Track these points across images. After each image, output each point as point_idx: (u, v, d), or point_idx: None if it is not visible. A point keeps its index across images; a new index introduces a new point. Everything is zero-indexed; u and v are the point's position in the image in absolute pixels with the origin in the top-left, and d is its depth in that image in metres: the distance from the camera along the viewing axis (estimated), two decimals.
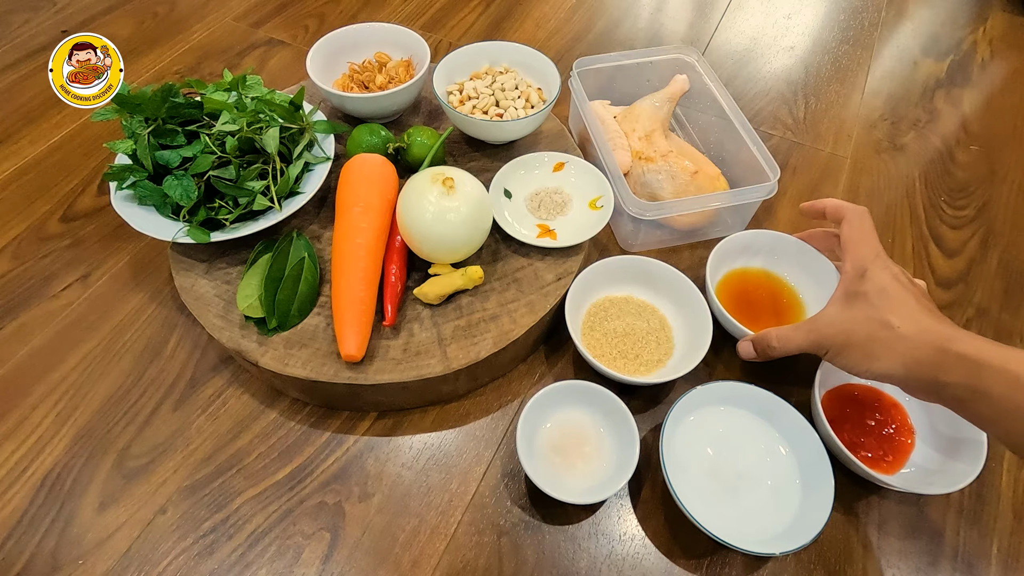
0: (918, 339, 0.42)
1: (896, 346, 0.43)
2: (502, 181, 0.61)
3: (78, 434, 0.53)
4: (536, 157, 0.63)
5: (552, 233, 0.59)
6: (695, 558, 0.47)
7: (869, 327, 0.44)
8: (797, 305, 0.59)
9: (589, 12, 0.98)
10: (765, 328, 0.56)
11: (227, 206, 0.55)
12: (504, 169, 0.61)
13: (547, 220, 0.60)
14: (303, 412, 0.54)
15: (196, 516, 0.49)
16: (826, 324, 0.47)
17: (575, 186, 0.62)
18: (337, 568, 0.47)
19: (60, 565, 0.46)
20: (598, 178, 0.61)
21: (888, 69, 0.89)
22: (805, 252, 0.59)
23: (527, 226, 0.60)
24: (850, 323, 0.46)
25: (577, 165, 0.63)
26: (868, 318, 0.45)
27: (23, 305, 0.61)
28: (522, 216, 0.61)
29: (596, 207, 0.60)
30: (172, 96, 0.55)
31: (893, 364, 0.43)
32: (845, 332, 0.45)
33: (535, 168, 0.63)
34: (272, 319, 0.51)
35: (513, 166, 0.62)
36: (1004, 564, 0.48)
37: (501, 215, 0.59)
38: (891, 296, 0.45)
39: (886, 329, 0.43)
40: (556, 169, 0.63)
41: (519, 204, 0.62)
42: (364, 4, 0.99)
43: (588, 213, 0.60)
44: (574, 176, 0.63)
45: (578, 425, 0.52)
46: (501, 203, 0.60)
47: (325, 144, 0.61)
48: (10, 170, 0.73)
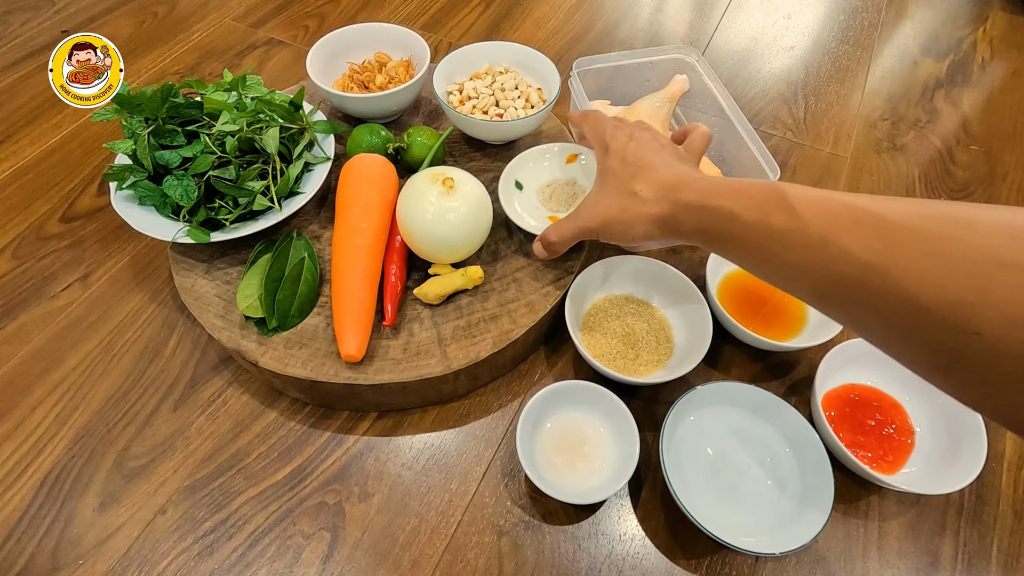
0: (656, 198, 0.43)
1: (642, 211, 0.44)
2: (513, 172, 0.60)
3: (78, 434, 0.53)
4: (547, 148, 0.62)
5: None
6: (695, 558, 0.47)
7: (619, 200, 0.45)
8: (798, 305, 0.59)
9: (589, 12, 0.98)
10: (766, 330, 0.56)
11: (227, 206, 0.55)
12: (515, 160, 0.60)
13: (558, 212, 0.59)
14: (303, 412, 0.54)
15: (196, 516, 0.49)
16: (587, 208, 0.49)
17: (587, 178, 0.61)
18: (337, 568, 0.47)
19: (60, 565, 0.46)
20: None
21: (888, 69, 0.89)
22: None
23: (537, 218, 0.58)
24: (605, 201, 0.47)
25: (590, 157, 0.61)
26: (618, 191, 0.46)
27: (23, 305, 0.61)
28: (533, 208, 0.60)
29: None
30: (172, 96, 0.55)
31: (646, 228, 0.44)
32: (603, 212, 0.47)
33: (547, 160, 0.62)
34: (272, 319, 0.51)
35: (524, 157, 0.61)
36: (1004, 564, 0.48)
37: (511, 206, 0.58)
38: (630, 162, 0.46)
39: (632, 198, 0.44)
40: (569, 161, 0.62)
41: (530, 196, 0.61)
42: (364, 4, 0.99)
43: None
44: (586, 168, 0.61)
45: (578, 425, 0.52)
46: (511, 194, 0.59)
47: (325, 144, 0.61)
48: (10, 170, 0.73)
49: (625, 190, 0.45)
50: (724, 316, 0.55)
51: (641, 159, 0.46)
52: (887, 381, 0.54)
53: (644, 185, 0.44)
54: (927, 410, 0.52)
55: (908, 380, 0.53)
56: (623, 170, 0.46)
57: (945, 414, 0.51)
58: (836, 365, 0.52)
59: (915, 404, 0.53)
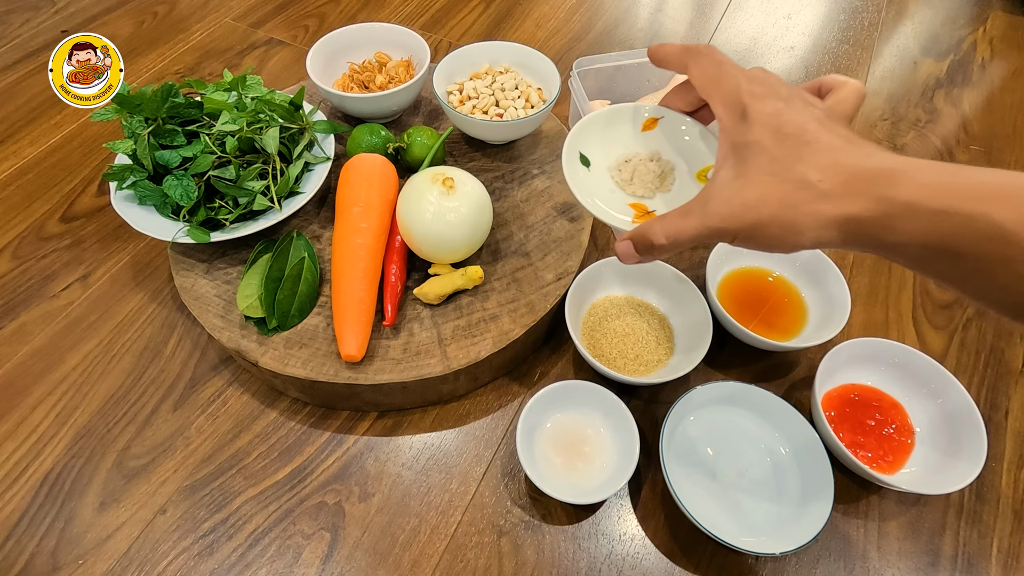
0: (845, 190, 0.30)
1: (821, 209, 0.31)
2: (576, 143, 0.44)
3: (78, 434, 0.53)
4: (617, 111, 0.45)
5: (652, 215, 0.42)
6: (695, 558, 0.47)
7: (778, 190, 0.32)
8: (798, 305, 0.59)
9: (589, 12, 0.97)
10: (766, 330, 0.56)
11: (227, 206, 0.55)
12: (577, 129, 0.44)
13: (644, 198, 0.44)
14: (303, 412, 0.54)
15: (196, 516, 0.49)
16: (723, 202, 0.33)
17: (674, 151, 0.45)
18: (337, 568, 0.47)
19: (60, 565, 0.46)
20: (706, 140, 0.43)
21: (888, 69, 0.89)
22: (806, 251, 0.59)
23: (615, 206, 0.43)
24: (752, 190, 0.32)
25: (675, 121, 0.44)
26: (775, 177, 0.32)
27: (23, 305, 0.61)
28: (607, 192, 0.43)
29: (707, 179, 0.42)
30: (172, 96, 0.55)
31: (822, 233, 0.31)
32: (750, 206, 0.32)
33: (618, 126, 0.45)
34: (272, 319, 0.51)
35: (587, 125, 0.44)
36: (1004, 564, 0.48)
37: (582, 189, 0.42)
38: (793, 136, 0.32)
39: (804, 189, 0.31)
40: (646, 128, 0.45)
41: (601, 175, 0.44)
42: (364, 4, 0.99)
43: (697, 189, 0.42)
44: (670, 137, 0.45)
45: (578, 425, 0.52)
46: (577, 173, 0.43)
47: (325, 144, 0.61)
48: (10, 170, 0.73)
49: (788, 176, 0.31)
50: (724, 316, 0.55)
51: (806, 131, 0.32)
52: (887, 381, 0.54)
53: (820, 170, 0.31)
54: (927, 410, 0.52)
55: (908, 380, 0.53)
56: (779, 146, 0.32)
57: (945, 414, 0.51)
58: (836, 365, 0.52)
59: (915, 404, 0.53)
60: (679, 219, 0.35)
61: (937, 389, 0.52)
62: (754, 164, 0.32)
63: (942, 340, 0.60)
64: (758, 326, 0.56)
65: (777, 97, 0.34)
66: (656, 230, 0.36)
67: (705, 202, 0.34)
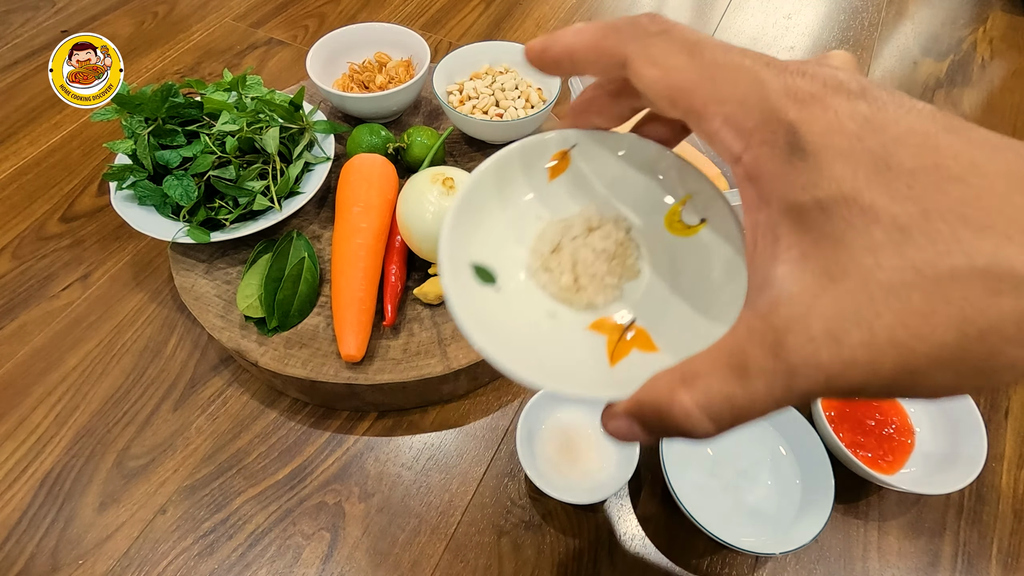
0: None
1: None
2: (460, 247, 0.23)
3: (78, 434, 0.53)
4: (508, 163, 0.25)
5: (642, 339, 0.23)
6: (695, 558, 0.47)
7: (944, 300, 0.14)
8: None
9: (589, 12, 0.97)
10: None
11: (227, 206, 0.55)
12: (455, 217, 0.23)
13: (606, 306, 0.24)
14: (303, 412, 0.54)
15: (196, 516, 0.49)
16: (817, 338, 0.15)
17: (616, 195, 0.26)
18: (337, 568, 0.47)
19: (60, 565, 0.46)
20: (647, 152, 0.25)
21: (888, 69, 0.89)
22: None
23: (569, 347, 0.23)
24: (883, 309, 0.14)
25: (592, 145, 0.25)
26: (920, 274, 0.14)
27: (23, 305, 0.61)
28: (547, 323, 0.24)
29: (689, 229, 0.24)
30: (172, 96, 0.55)
31: None
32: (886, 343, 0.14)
33: (517, 188, 0.25)
34: (272, 319, 0.51)
35: (470, 203, 0.24)
36: (1004, 564, 0.48)
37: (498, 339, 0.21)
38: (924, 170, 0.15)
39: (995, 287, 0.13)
40: (557, 172, 0.25)
41: (521, 291, 0.24)
42: (364, 4, 0.99)
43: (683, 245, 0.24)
44: (598, 171, 0.25)
45: (578, 425, 0.52)
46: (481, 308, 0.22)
47: (325, 144, 0.61)
48: (10, 170, 0.73)
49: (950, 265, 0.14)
50: None
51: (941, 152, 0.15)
52: None
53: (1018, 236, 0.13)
54: (927, 410, 0.52)
55: None
56: (903, 198, 0.15)
57: (945, 414, 0.51)
58: None
59: (915, 404, 0.53)
60: (727, 380, 0.17)
61: None
62: (858, 246, 0.15)
63: None
64: None
65: (843, 90, 0.16)
66: (685, 404, 0.17)
67: (772, 336, 0.16)
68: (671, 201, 0.25)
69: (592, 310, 0.24)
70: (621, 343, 0.23)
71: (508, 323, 0.23)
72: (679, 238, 0.24)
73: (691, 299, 0.24)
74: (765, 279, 0.17)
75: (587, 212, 0.25)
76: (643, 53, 0.19)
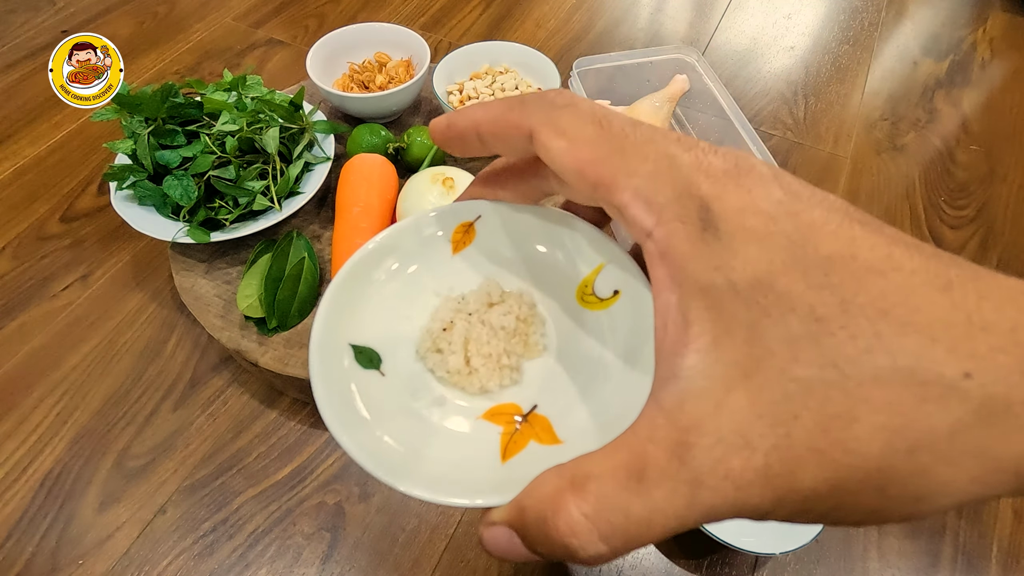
0: None
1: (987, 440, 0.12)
2: (336, 330, 0.23)
3: (78, 434, 0.53)
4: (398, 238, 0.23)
5: (542, 428, 0.20)
6: (695, 558, 0.47)
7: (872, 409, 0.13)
8: None
9: (589, 12, 0.97)
10: None
11: (227, 206, 0.55)
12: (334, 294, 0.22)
13: (501, 390, 0.22)
14: (303, 412, 0.54)
15: (196, 516, 0.49)
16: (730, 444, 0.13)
17: (522, 267, 0.24)
18: (337, 568, 0.47)
19: (60, 565, 0.46)
20: (555, 220, 0.23)
21: (888, 69, 0.89)
22: None
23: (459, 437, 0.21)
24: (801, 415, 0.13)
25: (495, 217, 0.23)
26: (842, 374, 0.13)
27: (23, 305, 0.61)
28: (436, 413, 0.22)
29: (602, 302, 0.22)
30: (172, 96, 0.55)
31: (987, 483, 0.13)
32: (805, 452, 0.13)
33: (415, 251, 0.24)
34: (272, 319, 0.51)
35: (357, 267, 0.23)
36: (1004, 564, 0.48)
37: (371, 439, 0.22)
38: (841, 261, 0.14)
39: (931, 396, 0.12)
40: (462, 244, 0.24)
41: (407, 376, 0.23)
42: (364, 4, 0.99)
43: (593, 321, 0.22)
44: (501, 243, 0.24)
45: None
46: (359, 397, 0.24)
47: (325, 144, 0.61)
48: (10, 170, 0.73)
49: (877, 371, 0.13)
50: None
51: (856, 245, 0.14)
52: None
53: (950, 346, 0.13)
54: None
55: None
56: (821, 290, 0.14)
57: None
58: None
59: None
60: (623, 487, 0.14)
61: None
62: (774, 337, 0.14)
63: None
64: None
65: (755, 172, 0.16)
66: (572, 515, 0.15)
67: (676, 436, 0.14)
68: (584, 271, 0.22)
69: (486, 396, 0.21)
70: (517, 434, 0.20)
71: (393, 411, 0.21)
72: (590, 312, 0.22)
73: (598, 383, 0.20)
74: (672, 370, 0.15)
75: (488, 286, 0.23)
76: (550, 124, 0.18)
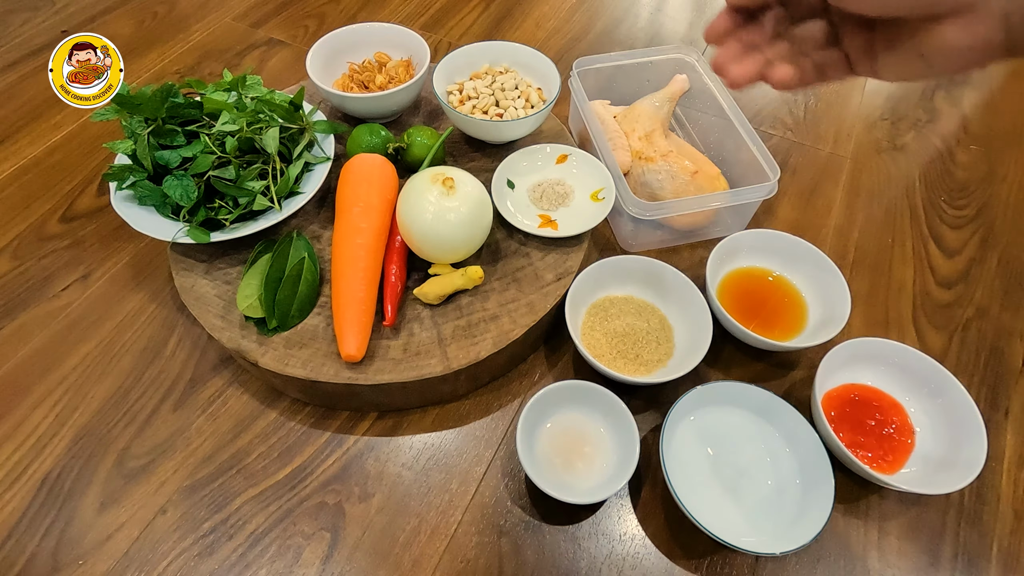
0: None
1: None
2: (505, 172, 0.62)
3: (78, 434, 0.53)
4: (539, 149, 0.64)
5: (554, 223, 0.60)
6: (695, 558, 0.47)
7: None
8: (798, 305, 0.59)
9: (589, 12, 0.97)
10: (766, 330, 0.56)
11: (227, 206, 0.55)
12: (508, 160, 0.62)
13: (549, 210, 0.61)
14: (303, 412, 0.54)
15: (196, 516, 0.49)
16: None
17: (577, 178, 0.63)
18: (337, 568, 0.47)
19: (60, 565, 0.46)
20: (600, 171, 0.62)
21: None
22: (806, 252, 0.59)
23: (529, 216, 0.60)
24: None
25: (579, 158, 0.63)
26: None
27: (23, 305, 0.61)
28: (524, 206, 0.62)
29: (598, 199, 0.61)
30: (172, 96, 0.55)
31: None
32: None
33: (538, 160, 0.64)
34: (272, 319, 0.51)
35: (517, 157, 0.63)
36: (1004, 564, 0.48)
37: (504, 205, 0.60)
38: None
39: None
40: (559, 161, 0.64)
41: (521, 195, 0.62)
42: (364, 4, 0.99)
43: (590, 205, 0.61)
44: (576, 168, 0.64)
45: (578, 425, 0.52)
46: (504, 193, 0.61)
47: (325, 144, 0.61)
48: (10, 170, 0.73)
49: None
50: (724, 316, 0.55)
51: None
52: (887, 381, 0.54)
53: None
54: (927, 410, 0.52)
55: (908, 380, 0.53)
56: None
57: (945, 414, 0.51)
58: (836, 365, 0.52)
59: (915, 404, 0.53)
60: None
61: (937, 389, 0.52)
62: None
63: (942, 340, 0.60)
64: (758, 326, 0.56)
65: None
66: None
67: None
68: (595, 188, 0.61)
69: (543, 210, 0.62)
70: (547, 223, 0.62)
71: (512, 201, 0.62)
72: (592, 203, 0.60)
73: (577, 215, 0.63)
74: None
75: (562, 178, 0.62)
76: None
